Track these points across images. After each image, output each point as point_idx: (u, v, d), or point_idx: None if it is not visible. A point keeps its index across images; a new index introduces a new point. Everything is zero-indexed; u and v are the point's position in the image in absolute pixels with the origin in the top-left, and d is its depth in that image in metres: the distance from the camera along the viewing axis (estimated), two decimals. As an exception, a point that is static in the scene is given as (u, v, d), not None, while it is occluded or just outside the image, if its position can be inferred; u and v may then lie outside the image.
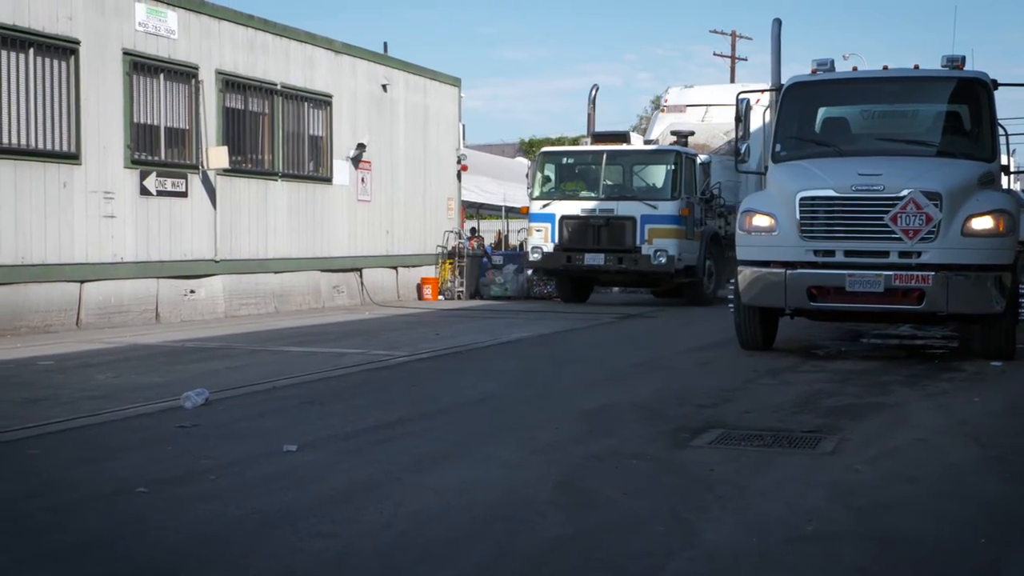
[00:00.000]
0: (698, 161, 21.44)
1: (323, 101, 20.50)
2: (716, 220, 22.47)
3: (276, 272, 19.12)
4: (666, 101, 25.88)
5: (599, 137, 22.51)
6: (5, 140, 14.01)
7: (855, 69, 14.23)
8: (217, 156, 17.19)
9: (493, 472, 6.33)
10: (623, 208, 20.79)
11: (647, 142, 23.08)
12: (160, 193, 16.45)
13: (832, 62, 13.05)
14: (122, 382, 9.98)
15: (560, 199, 21.42)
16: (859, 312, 11.87)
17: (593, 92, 24.28)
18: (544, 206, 21.45)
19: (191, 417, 8.00)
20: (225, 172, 17.65)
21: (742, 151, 13.82)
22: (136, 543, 4.94)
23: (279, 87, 19.22)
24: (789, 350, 12.68)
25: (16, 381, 9.98)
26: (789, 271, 11.55)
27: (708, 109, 24.93)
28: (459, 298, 23.16)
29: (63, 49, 14.88)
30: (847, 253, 11.42)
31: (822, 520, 5.32)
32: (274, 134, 19.17)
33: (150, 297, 16.33)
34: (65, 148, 14.93)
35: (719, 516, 5.40)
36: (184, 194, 16.94)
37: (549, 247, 21.24)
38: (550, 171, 21.97)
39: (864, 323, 14.62)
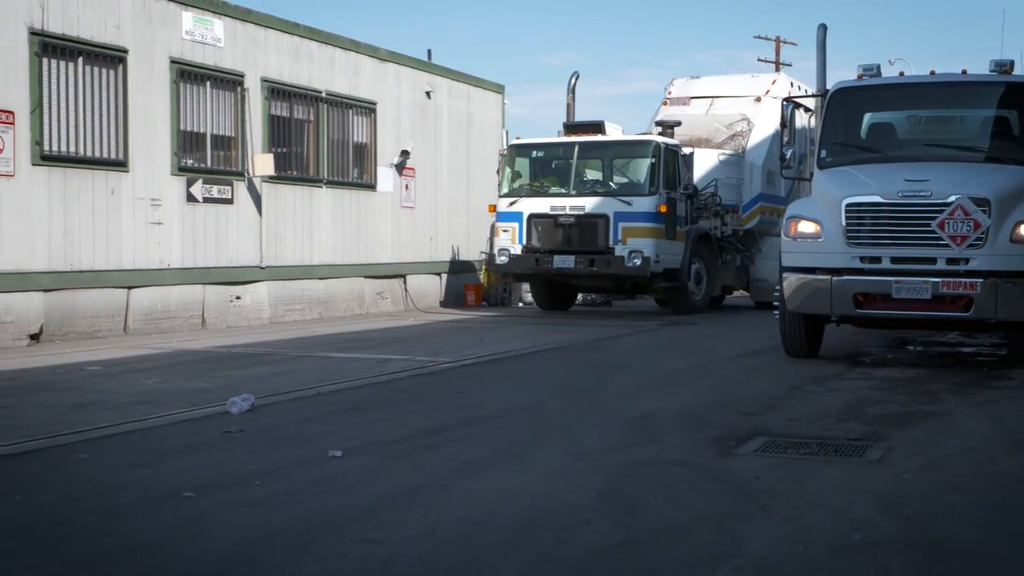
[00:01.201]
0: (681, 153, 19.85)
1: (367, 108, 20.59)
2: (712, 220, 21.07)
3: (321, 278, 19.21)
4: (669, 93, 24.44)
5: (572, 128, 20.70)
6: (55, 148, 14.18)
7: (902, 74, 14.11)
8: (263, 163, 17.31)
9: (537, 479, 6.32)
10: (595, 205, 19.01)
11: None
12: (206, 200, 16.58)
13: (878, 67, 12.94)
14: (169, 387, 10.07)
15: (528, 196, 19.68)
16: (906, 319, 11.77)
17: (573, 80, 23.08)
18: (511, 204, 19.64)
19: (237, 422, 8.05)
20: (270, 179, 17.77)
21: (787, 156, 13.73)
22: (183, 548, 4.98)
23: (324, 95, 19.33)
24: (835, 357, 12.59)
25: (65, 386, 10.09)
26: (835, 278, 11.47)
27: (713, 101, 23.62)
28: (503, 304, 23.15)
29: (111, 58, 15.04)
30: (894, 260, 11.33)
31: (869, 529, 5.27)
32: (319, 141, 19.27)
33: (196, 303, 16.46)
34: (113, 156, 15.09)
35: (764, 525, 5.37)
36: (230, 201, 17.07)
37: (517, 249, 19.40)
38: (521, 165, 20.26)
39: (911, 330, 14.49)
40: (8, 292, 13.46)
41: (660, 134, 20.23)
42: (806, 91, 24.24)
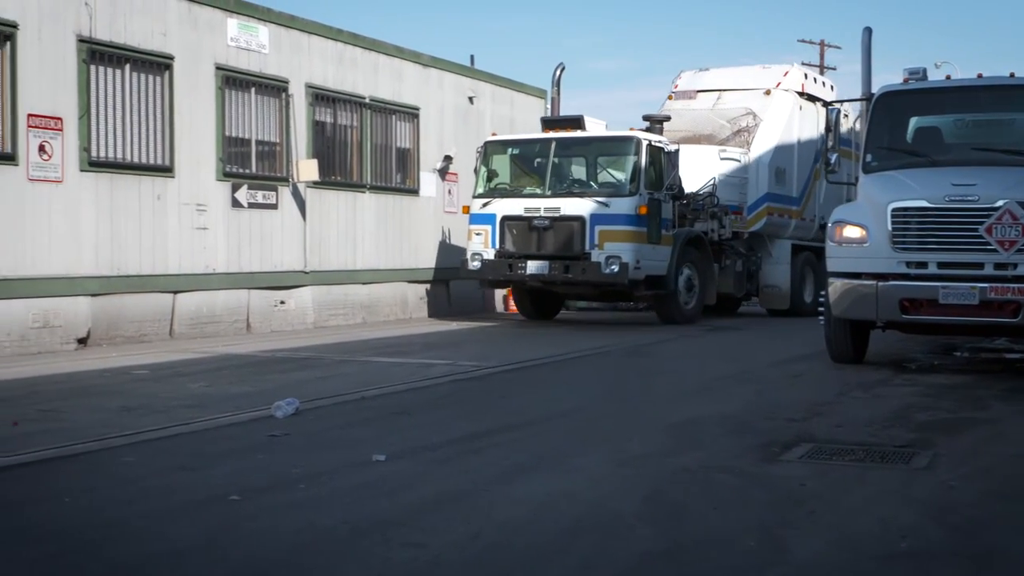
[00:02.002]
0: (666, 150, 18.26)
1: (411, 114, 20.66)
2: (708, 222, 19.73)
3: (364, 283, 19.28)
4: (676, 86, 22.95)
5: (550, 123, 19.23)
6: (102, 154, 14.33)
7: (948, 78, 13.98)
8: (307, 169, 17.41)
9: (581, 484, 6.32)
10: (570, 206, 17.53)
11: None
12: (251, 205, 16.70)
13: (924, 71, 12.85)
14: (214, 391, 10.15)
15: (502, 196, 18.36)
16: (953, 325, 11.65)
17: (558, 72, 21.63)
18: (484, 205, 18.35)
19: (282, 426, 8.10)
20: (315, 184, 17.86)
21: (832, 161, 13.64)
22: (229, 551, 5.02)
23: (367, 100, 19.42)
24: (880, 363, 12.50)
25: (112, 390, 10.19)
26: (881, 283, 11.38)
27: (721, 95, 22.21)
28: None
29: (158, 64, 15.19)
30: (940, 265, 11.22)
31: (916, 537, 5.23)
32: (363, 147, 19.36)
33: (241, 308, 16.58)
34: (159, 161, 15.23)
35: (810, 532, 5.34)
36: (274, 206, 17.18)
37: (490, 253, 18.09)
38: (497, 164, 18.95)
39: (958, 336, 14.35)
40: (56, 296, 13.63)
41: (647, 130, 18.81)
42: (823, 83, 23.15)
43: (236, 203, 16.43)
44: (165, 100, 15.32)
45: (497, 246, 18.08)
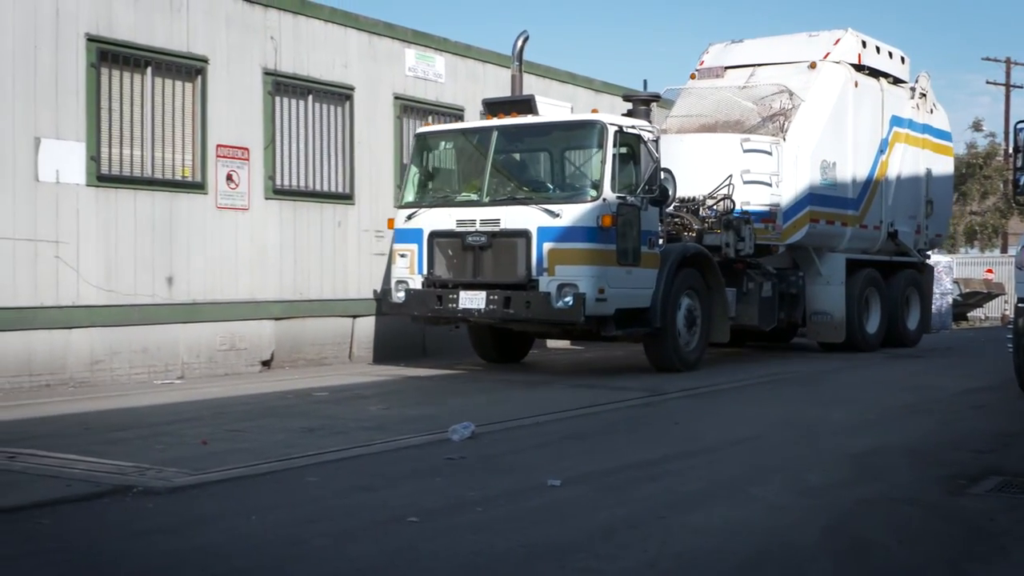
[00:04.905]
0: (646, 139, 13.49)
1: (583, 139, 20.69)
2: (724, 233, 15.15)
3: (536, 308, 19.35)
4: (701, 63, 19.05)
5: (492, 106, 14.53)
6: (286, 182, 14.81)
7: None
8: (481, 195, 17.59)
9: (758, 514, 6.22)
10: (513, 218, 13.12)
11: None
12: (427, 231, 16.98)
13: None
14: (392, 414, 10.34)
15: (430, 206, 13.92)
16: None
17: (519, 42, 16.01)
18: (410, 218, 14.00)
19: (458, 450, 8.20)
20: (488, 210, 18.04)
21: (1021, 182, 13.13)
22: (409, 572, 5.10)
23: (540, 126, 19.53)
24: (1074, 394, 11.95)
25: (295, 411, 10.48)
26: (1074, 310, 10.90)
27: (755, 71, 18.14)
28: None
29: (339, 95, 15.63)
30: None
31: (1117, 577, 4.98)
32: (535, 173, 19.48)
33: (417, 332, 16.84)
34: (340, 189, 15.65)
35: (1001, 569, 5.14)
36: (449, 232, 17.42)
37: (417, 281, 13.85)
38: (432, 163, 14.79)
39: None
40: (243, 320, 14.11)
41: (629, 113, 14.86)
42: (889, 53, 19.39)
43: (412, 229, 16.72)
44: (346, 129, 15.75)
45: (425, 271, 13.84)
